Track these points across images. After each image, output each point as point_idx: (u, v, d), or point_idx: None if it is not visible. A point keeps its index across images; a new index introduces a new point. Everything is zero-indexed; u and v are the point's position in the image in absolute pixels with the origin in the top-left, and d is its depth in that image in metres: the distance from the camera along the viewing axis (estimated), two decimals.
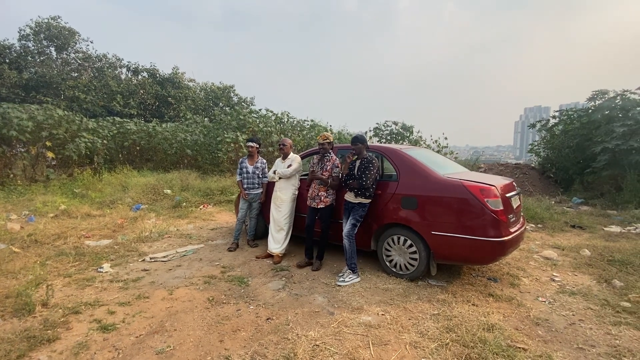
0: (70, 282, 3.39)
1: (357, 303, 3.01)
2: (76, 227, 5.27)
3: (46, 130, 8.82)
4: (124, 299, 3.05)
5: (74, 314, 2.74)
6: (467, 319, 2.74)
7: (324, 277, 3.66)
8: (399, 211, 3.52)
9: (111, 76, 20.87)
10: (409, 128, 11.86)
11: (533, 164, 12.34)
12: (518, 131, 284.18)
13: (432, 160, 3.89)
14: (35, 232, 4.88)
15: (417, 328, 2.61)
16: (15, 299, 2.88)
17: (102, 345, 2.36)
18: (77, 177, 9.35)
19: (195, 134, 11.94)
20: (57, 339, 2.40)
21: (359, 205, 3.55)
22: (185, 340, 2.44)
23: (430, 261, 3.39)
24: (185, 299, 3.09)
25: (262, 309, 2.93)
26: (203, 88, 22.41)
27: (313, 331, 2.54)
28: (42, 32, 21.34)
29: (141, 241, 4.85)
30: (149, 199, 7.59)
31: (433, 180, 3.38)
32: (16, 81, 19.17)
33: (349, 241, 3.53)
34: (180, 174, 9.70)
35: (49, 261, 3.90)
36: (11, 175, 8.62)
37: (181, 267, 3.94)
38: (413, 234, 3.43)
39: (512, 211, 3.41)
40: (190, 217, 6.52)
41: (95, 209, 6.60)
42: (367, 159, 3.54)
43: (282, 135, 12.10)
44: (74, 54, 22.17)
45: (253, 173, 4.76)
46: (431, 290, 3.31)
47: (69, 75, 20.73)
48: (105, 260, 4.02)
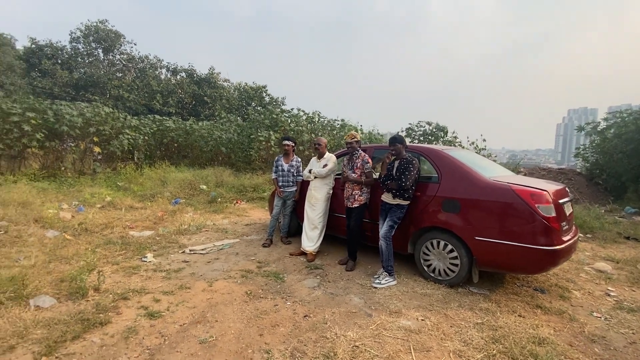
0: (117, 270, 3.58)
1: (395, 306, 2.94)
2: (121, 218, 5.58)
3: (94, 126, 9.43)
4: (167, 288, 3.17)
5: (122, 300, 2.88)
6: (514, 331, 2.59)
7: (359, 278, 3.61)
8: (439, 214, 3.39)
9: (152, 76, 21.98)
10: (444, 129, 11.48)
11: (579, 169, 11.53)
12: (560, 134, 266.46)
13: (475, 162, 3.72)
14: (85, 221, 5.21)
15: (460, 336, 2.50)
16: (69, 283, 3.08)
17: (150, 331, 2.46)
18: (120, 171, 9.93)
19: (229, 132, 12.28)
20: (109, 323, 2.53)
21: (397, 206, 3.47)
22: (227, 331, 2.49)
23: (473, 268, 3.24)
24: (225, 292, 3.16)
25: (298, 305, 2.94)
26: (237, 88, 23.04)
27: (351, 332, 2.51)
28: (91, 34, 22.90)
29: (180, 234, 5.05)
30: (186, 194, 7.89)
31: (478, 183, 3.22)
32: (67, 80, 20.69)
33: (386, 243, 3.45)
34: (214, 170, 10.01)
35: (98, 249, 4.14)
36: (62, 167, 9.29)
37: (219, 260, 4.05)
38: (454, 239, 3.29)
39: (565, 219, 3.18)
40: (225, 212, 6.70)
41: (137, 201, 6.95)
42: (407, 160, 3.44)
43: (312, 135, 12.16)
44: (119, 55, 23.58)
45: (288, 171, 4.80)
46: (473, 298, 3.16)
47: (115, 76, 22.07)
48: (149, 250, 4.22)
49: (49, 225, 4.86)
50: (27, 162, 8.96)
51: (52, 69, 20.57)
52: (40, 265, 3.49)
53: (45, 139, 8.32)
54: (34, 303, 2.71)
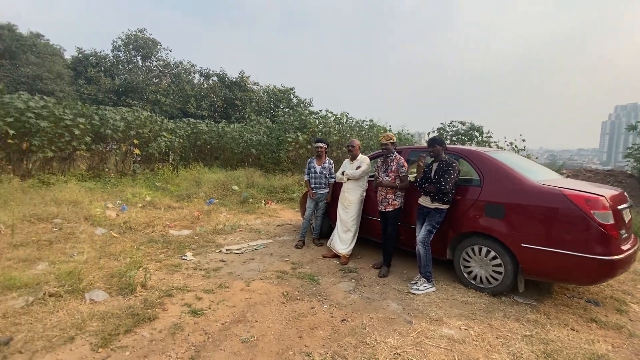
0: (161, 267, 3.75)
1: (436, 314, 2.85)
2: (161, 217, 5.84)
3: (134, 129, 9.97)
4: (208, 286, 3.27)
5: (167, 297, 3.01)
6: (567, 345, 2.43)
7: (395, 283, 3.54)
8: (481, 219, 3.25)
9: (186, 81, 22.92)
10: (478, 128, 11.02)
11: (629, 170, 10.65)
12: (606, 132, 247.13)
13: (520, 164, 3.53)
14: (128, 219, 5.50)
15: (507, 349, 2.38)
16: (119, 279, 3.26)
17: (194, 328, 2.55)
18: (158, 172, 10.42)
19: (259, 134, 12.53)
20: (156, 318, 2.65)
21: (436, 210, 3.37)
22: (267, 332, 2.53)
23: (518, 276, 3.08)
24: (262, 292, 3.22)
25: (335, 309, 2.93)
26: (266, 90, 23.51)
27: (392, 338, 2.46)
28: (131, 43, 24.25)
29: (216, 233, 5.21)
30: (219, 194, 8.13)
31: (525, 187, 3.05)
32: (110, 87, 22.03)
33: (424, 248, 3.36)
34: (245, 171, 10.25)
35: (142, 247, 4.36)
36: (106, 169, 9.90)
37: (254, 260, 4.13)
38: (498, 245, 3.14)
39: (624, 226, 2.94)
40: (257, 212, 6.84)
41: (174, 201, 7.26)
42: (447, 162, 3.33)
43: (341, 136, 12.12)
44: (156, 62, 24.81)
45: (320, 173, 4.81)
46: (519, 308, 3.00)
47: (152, 81, 23.24)
48: (188, 249, 4.38)
49: (97, 223, 5.19)
50: (75, 164, 9.62)
51: (96, 76, 22.01)
52: (92, 261, 3.73)
53: (92, 142, 8.91)
54: (89, 297, 2.90)
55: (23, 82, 18.86)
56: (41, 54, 20.62)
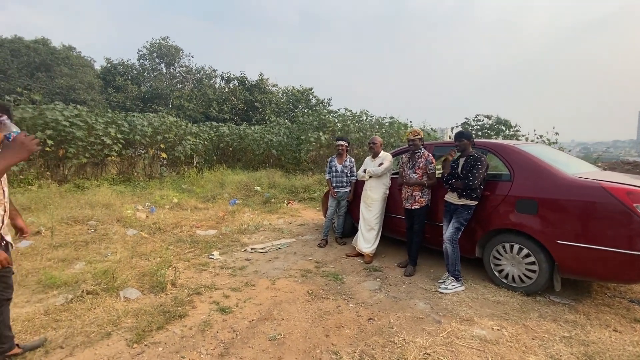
0: (189, 266, 3.85)
1: (466, 314, 2.76)
2: (188, 218, 6.02)
3: (160, 134, 10.33)
4: (234, 285, 3.33)
5: (196, 295, 3.09)
6: (610, 347, 2.29)
7: (422, 282, 3.46)
8: (512, 215, 3.12)
9: (208, 85, 23.54)
10: (506, 122, 10.59)
11: None
12: None
13: (553, 157, 3.36)
14: (157, 221, 5.71)
15: (545, 350, 2.27)
16: (150, 278, 3.38)
17: (222, 325, 2.60)
18: (184, 174, 10.75)
19: (279, 135, 12.67)
20: (186, 316, 2.73)
21: (464, 207, 3.26)
22: (293, 330, 2.54)
23: (555, 275, 2.93)
24: (287, 290, 3.24)
25: (361, 308, 2.90)
26: (284, 92, 23.74)
27: (421, 338, 2.40)
28: (155, 51, 25.21)
29: (241, 233, 5.30)
30: (243, 195, 8.28)
31: (560, 180, 2.90)
32: (137, 94, 22.99)
33: (452, 246, 3.26)
34: (267, 172, 10.39)
35: (171, 246, 4.51)
36: (135, 173, 10.32)
37: (278, 259, 4.16)
38: (531, 242, 3.00)
39: None
40: (279, 212, 6.91)
41: (200, 202, 7.46)
42: (474, 157, 3.21)
43: (360, 134, 12.02)
44: (179, 68, 25.65)
45: (342, 172, 4.78)
46: (555, 308, 2.85)
47: (175, 87, 24.05)
48: (215, 248, 4.49)
49: (128, 225, 5.41)
50: (107, 169, 10.10)
51: (124, 85, 23.05)
52: (125, 260, 3.89)
53: (121, 148, 9.31)
54: (123, 294, 3.03)
55: (58, 92, 20.02)
56: (74, 66, 21.81)
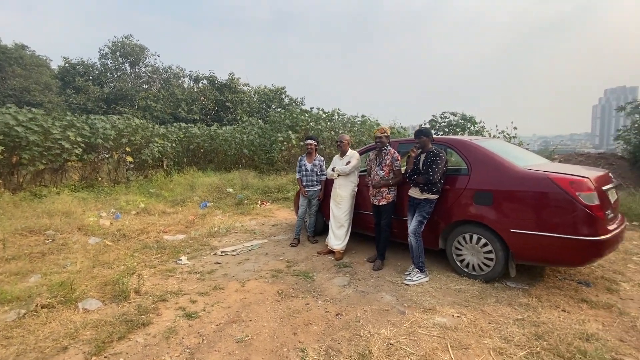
0: (155, 273, 3.74)
1: (429, 303, 2.87)
2: (155, 223, 5.82)
3: (125, 137, 9.91)
4: (202, 289, 3.27)
5: (161, 302, 3.01)
6: (558, 326, 2.47)
7: (389, 275, 3.56)
8: (470, 207, 3.28)
9: (176, 85, 22.80)
10: (470, 118, 11.06)
11: (620, 152, 10.76)
12: (597, 116, 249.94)
13: (507, 151, 3.56)
14: (122, 227, 5.48)
15: (500, 333, 2.41)
16: (112, 287, 3.25)
17: (188, 331, 2.55)
18: (152, 178, 10.37)
19: (251, 135, 12.50)
20: (150, 324, 2.65)
21: (426, 201, 3.39)
22: (261, 330, 2.54)
23: (509, 262, 3.11)
24: (257, 291, 3.22)
25: (330, 304, 2.94)
26: (257, 91, 23.43)
27: (385, 330, 2.48)
28: (118, 50, 24.08)
29: (211, 236, 5.20)
30: (214, 197, 8.12)
31: (512, 173, 3.08)
32: (99, 95, 21.86)
33: (416, 239, 3.38)
34: (239, 173, 10.23)
35: (136, 253, 4.35)
36: (99, 178, 9.84)
37: (249, 260, 4.13)
38: (488, 232, 3.17)
39: (610, 206, 2.98)
40: (252, 213, 6.84)
41: (169, 206, 7.23)
42: (434, 152, 3.35)
43: (333, 133, 12.12)
44: (145, 67, 24.64)
45: (312, 170, 4.81)
46: (511, 293, 3.04)
47: (141, 87, 23.09)
48: (183, 253, 4.38)
49: (90, 233, 5.16)
50: (67, 175, 9.55)
51: (84, 86, 21.82)
52: (85, 270, 3.71)
53: (83, 152, 8.84)
54: (82, 306, 2.89)
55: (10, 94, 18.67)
56: (27, 66, 20.42)
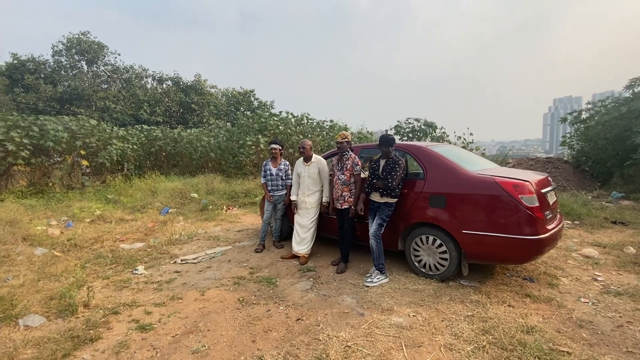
0: (108, 284, 3.54)
1: (387, 304, 2.97)
2: (111, 232, 5.52)
3: (80, 139, 9.32)
4: (159, 299, 3.15)
5: (113, 315, 2.86)
6: (503, 321, 2.64)
7: (352, 278, 3.63)
8: (426, 210, 3.43)
9: (138, 86, 21.77)
10: (432, 125, 11.58)
11: (566, 157, 11.74)
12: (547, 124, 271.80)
13: (460, 156, 3.77)
14: (74, 236, 5.15)
15: (451, 330, 2.54)
16: (59, 301, 3.04)
17: (141, 344, 2.45)
18: (110, 183, 9.83)
19: (218, 138, 12.24)
20: (99, 339, 2.51)
21: (385, 204, 3.50)
22: (219, 340, 2.49)
23: (462, 261, 3.29)
24: (217, 300, 3.15)
25: (291, 309, 2.95)
26: (224, 94, 22.96)
27: (344, 332, 2.52)
28: (74, 47, 22.60)
29: (172, 244, 5.02)
30: (177, 203, 7.84)
31: (462, 177, 3.27)
32: (51, 95, 20.38)
33: (376, 241, 3.48)
34: (205, 178, 9.96)
35: (88, 264, 4.10)
36: (50, 183, 9.15)
37: (211, 268, 4.03)
38: (443, 233, 3.33)
39: (549, 207, 3.25)
40: (217, 219, 6.67)
41: (127, 213, 6.89)
42: (393, 160, 3.47)
43: (302, 137, 12.16)
44: (104, 66, 23.30)
45: (277, 175, 4.80)
46: (463, 291, 3.21)
47: (100, 87, 21.80)
48: (140, 262, 4.19)
49: (37, 243, 4.79)
50: (13, 180, 8.81)
51: (35, 84, 20.26)
52: (29, 284, 3.44)
53: (31, 156, 8.20)
54: (23, 323, 2.68)
55: None
56: None
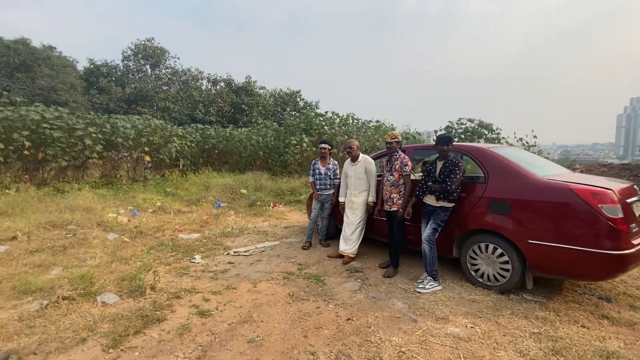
0: (170, 270, 3.82)
1: (442, 312, 2.83)
2: (171, 222, 5.95)
3: (144, 137, 10.19)
4: (215, 288, 3.33)
5: (176, 299, 3.07)
6: (577, 342, 2.38)
7: (401, 282, 3.53)
8: (487, 216, 3.22)
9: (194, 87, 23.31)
10: (488, 125, 10.86)
11: None
12: (622, 126, 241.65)
13: (526, 160, 3.48)
14: (139, 224, 5.63)
15: (515, 346, 2.35)
16: (129, 282, 3.34)
17: (201, 329, 2.60)
18: (168, 177, 10.61)
19: (266, 137, 12.65)
20: (165, 320, 2.71)
21: (441, 209, 3.35)
22: (272, 332, 2.56)
23: (526, 273, 3.04)
24: (268, 292, 3.25)
25: (341, 308, 2.94)
26: (272, 94, 23.71)
27: (397, 337, 2.46)
28: (140, 52, 24.81)
29: (225, 236, 5.28)
30: (228, 198, 8.24)
31: (531, 182, 3.01)
32: (121, 96, 22.56)
33: (430, 246, 3.34)
34: (253, 175, 10.35)
35: (152, 250, 4.46)
36: (118, 175, 10.13)
37: (261, 261, 4.17)
38: (505, 242, 3.10)
39: (634, 220, 2.87)
40: (264, 215, 6.90)
41: (184, 205, 7.38)
42: (452, 161, 3.30)
43: (346, 137, 12.12)
44: (165, 70, 25.31)
45: (325, 174, 4.82)
46: (527, 306, 2.96)
47: (161, 89, 23.70)
48: (197, 252, 4.46)
49: (109, 229, 5.32)
50: (88, 172, 9.88)
51: (107, 86, 22.59)
52: (104, 265, 3.83)
53: (103, 150, 9.14)
54: (100, 299, 2.98)
55: (38, 94, 19.47)
56: (55, 66, 21.25)
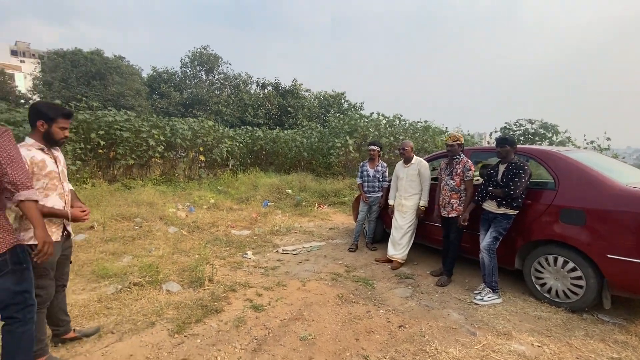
0: (225, 264, 4.03)
1: (504, 327, 2.64)
2: (224, 218, 6.28)
3: (200, 138, 10.89)
4: (267, 284, 3.44)
5: (231, 291, 3.23)
6: None
7: (456, 292, 3.36)
8: (556, 226, 2.94)
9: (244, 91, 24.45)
10: (552, 127, 9.88)
11: None
12: None
13: (603, 165, 3.13)
14: (196, 220, 6.02)
15: None
16: (190, 273, 3.58)
17: (255, 322, 2.70)
18: (220, 176, 11.22)
19: (311, 138, 12.84)
20: (222, 311, 2.86)
21: (503, 216, 3.12)
22: (323, 332, 2.58)
23: (604, 291, 2.72)
24: (317, 292, 3.28)
25: (392, 314, 2.87)
26: (317, 97, 24.05)
27: (454, 349, 2.34)
28: (196, 59, 26.60)
29: (273, 234, 5.45)
30: (275, 197, 8.49)
31: (611, 190, 2.70)
32: (179, 100, 24.36)
33: (490, 256, 3.13)
34: (298, 176, 10.56)
35: (208, 244, 4.74)
36: (176, 174, 10.94)
37: (309, 261, 4.23)
38: (578, 256, 2.81)
39: None
40: (310, 215, 7.00)
41: (235, 203, 7.75)
42: (517, 164, 3.07)
43: (392, 139, 11.86)
44: (218, 75, 26.87)
45: (374, 177, 4.76)
46: (603, 328, 2.65)
47: (214, 93, 25.19)
48: (248, 248, 4.65)
49: (170, 222, 5.75)
50: (151, 170, 10.80)
51: (167, 91, 24.55)
52: (167, 255, 4.15)
53: (164, 150, 9.93)
54: (165, 287, 3.24)
55: (110, 99, 21.74)
56: (124, 74, 23.59)
